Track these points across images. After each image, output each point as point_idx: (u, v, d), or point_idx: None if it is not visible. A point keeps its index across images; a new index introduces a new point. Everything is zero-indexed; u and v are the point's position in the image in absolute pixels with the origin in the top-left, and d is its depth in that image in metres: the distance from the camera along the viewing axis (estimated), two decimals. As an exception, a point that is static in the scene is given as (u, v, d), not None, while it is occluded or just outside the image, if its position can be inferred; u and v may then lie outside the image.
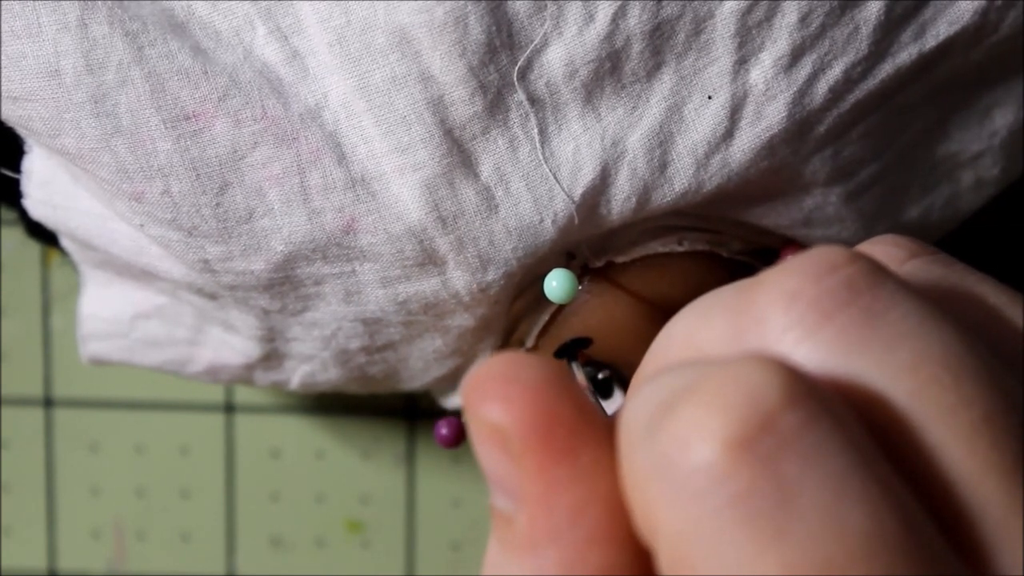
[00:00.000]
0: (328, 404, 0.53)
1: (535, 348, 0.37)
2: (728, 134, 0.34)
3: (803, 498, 0.16)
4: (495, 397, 0.17)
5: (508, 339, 0.38)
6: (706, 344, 0.19)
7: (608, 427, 0.18)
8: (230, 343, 0.39)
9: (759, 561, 0.15)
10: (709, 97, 0.34)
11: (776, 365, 0.16)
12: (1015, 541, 0.16)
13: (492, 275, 0.34)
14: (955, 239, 0.41)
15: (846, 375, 0.17)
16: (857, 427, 0.16)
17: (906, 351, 0.17)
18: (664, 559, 0.17)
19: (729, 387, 0.16)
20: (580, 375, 0.34)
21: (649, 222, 0.36)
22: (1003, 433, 0.17)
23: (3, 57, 0.33)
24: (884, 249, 0.21)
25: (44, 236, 0.39)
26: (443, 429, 0.39)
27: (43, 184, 0.36)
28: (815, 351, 0.17)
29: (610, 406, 0.37)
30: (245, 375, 0.40)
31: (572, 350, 0.36)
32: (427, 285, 0.35)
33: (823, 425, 0.16)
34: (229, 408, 0.53)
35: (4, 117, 0.34)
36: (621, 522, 0.17)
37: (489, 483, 0.18)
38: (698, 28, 0.33)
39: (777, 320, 0.18)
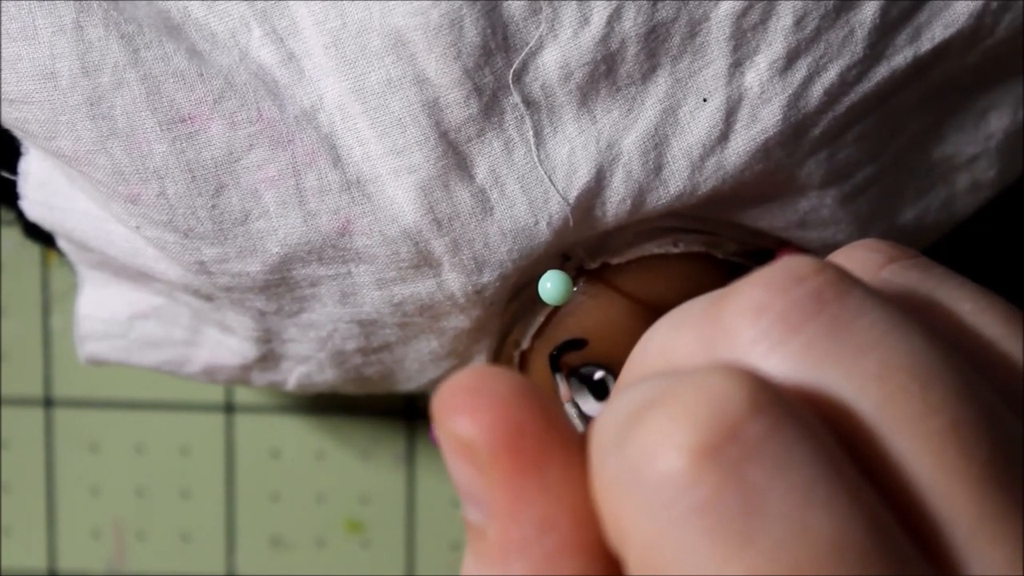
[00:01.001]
0: (328, 404, 0.53)
1: (530, 350, 0.38)
2: (723, 137, 0.34)
3: (769, 505, 0.16)
4: (463, 410, 0.18)
5: (503, 341, 0.38)
6: (679, 356, 0.19)
7: (578, 439, 0.18)
8: (227, 344, 0.39)
9: (726, 569, 0.15)
10: (704, 100, 0.34)
11: (741, 374, 0.17)
12: (985, 549, 0.16)
13: (487, 277, 0.34)
14: (951, 242, 0.41)
15: (815, 386, 0.17)
16: (825, 435, 0.16)
17: (873, 360, 0.17)
18: (633, 568, 0.17)
19: (694, 396, 0.16)
20: (563, 387, 0.34)
21: (644, 224, 0.36)
22: (971, 441, 0.17)
23: (-1, 60, 0.33)
24: (862, 254, 0.21)
25: (41, 237, 0.39)
26: (439, 430, 0.39)
27: (40, 185, 0.36)
28: (784, 363, 0.17)
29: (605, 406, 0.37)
30: (242, 376, 0.40)
31: (567, 351, 0.36)
32: (422, 287, 0.35)
33: (789, 433, 0.16)
34: (229, 408, 0.53)
35: (1, 119, 0.34)
36: (591, 532, 0.17)
37: (460, 495, 0.19)
38: (693, 31, 0.33)
39: (746, 332, 0.18)
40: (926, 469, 0.17)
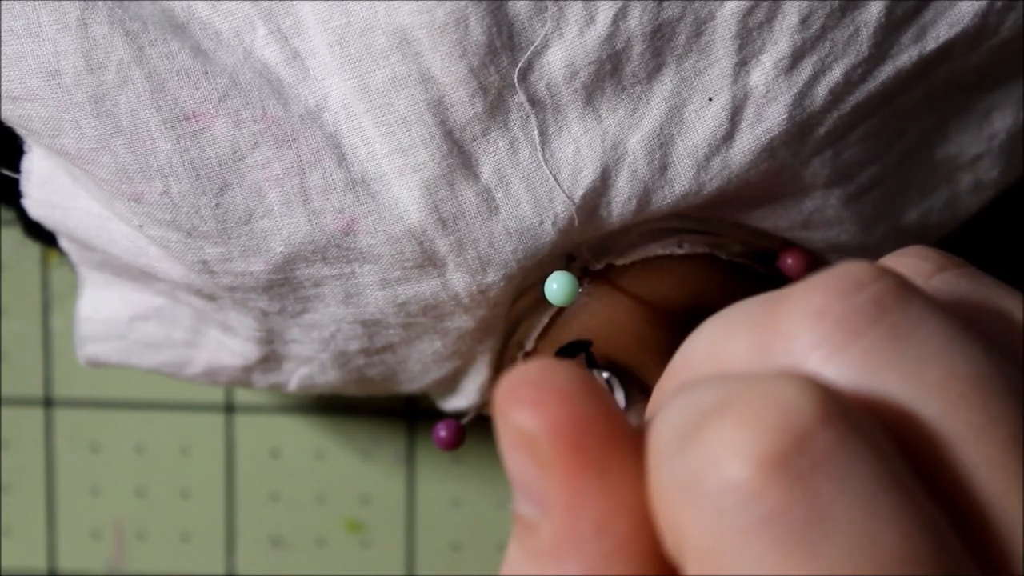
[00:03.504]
0: (328, 404, 0.53)
1: (534, 351, 0.37)
2: (728, 136, 0.34)
3: (835, 518, 0.15)
4: (527, 403, 0.17)
5: (507, 341, 0.38)
6: (730, 359, 0.18)
7: (636, 437, 0.18)
8: (228, 345, 0.39)
9: None
10: (710, 99, 0.34)
11: (809, 383, 0.16)
12: None
13: (492, 277, 0.34)
14: (955, 242, 0.41)
15: (875, 393, 0.17)
16: (889, 446, 0.16)
17: (934, 370, 0.17)
18: (691, 574, 0.16)
19: (762, 404, 0.16)
20: (601, 380, 0.33)
21: (649, 224, 0.36)
22: None
23: (3, 57, 0.33)
24: (911, 262, 0.21)
25: (42, 236, 0.39)
26: (442, 432, 0.38)
27: (42, 184, 0.36)
28: (843, 369, 0.17)
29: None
30: (243, 377, 0.40)
31: (572, 352, 0.36)
32: (427, 287, 0.35)
33: (856, 444, 0.16)
34: (229, 408, 0.53)
35: (4, 117, 0.34)
36: (647, 535, 0.17)
37: (514, 488, 0.18)
38: (699, 30, 0.33)
39: (804, 337, 0.17)
40: (986, 480, 0.17)
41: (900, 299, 0.17)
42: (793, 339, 0.17)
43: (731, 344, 0.18)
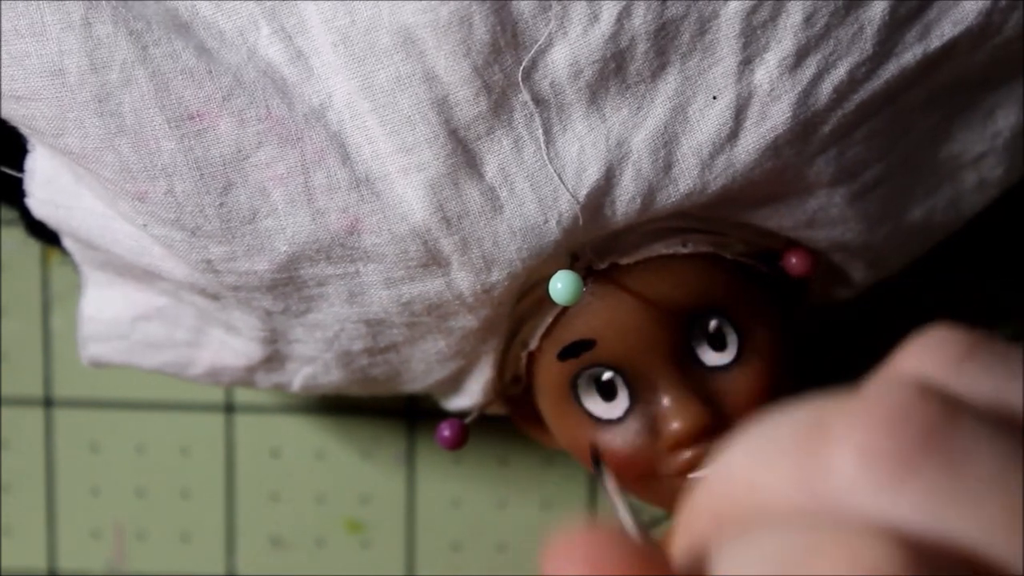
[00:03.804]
0: (328, 404, 0.53)
1: (538, 350, 0.37)
2: (733, 135, 0.34)
3: None
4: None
5: (511, 341, 0.38)
6: (773, 494, 0.18)
7: None
8: (231, 345, 0.39)
9: None
10: (714, 97, 0.34)
11: (893, 538, 0.16)
12: None
13: (496, 276, 0.34)
14: (956, 242, 0.41)
15: (936, 530, 0.16)
16: None
17: (995, 500, 0.16)
18: None
19: (850, 564, 0.16)
20: (610, 482, 0.33)
21: (653, 224, 0.36)
22: None
23: (7, 56, 0.33)
24: (937, 349, 0.20)
25: (45, 235, 0.39)
26: (445, 431, 0.38)
27: (46, 183, 0.36)
28: (899, 507, 0.16)
29: (613, 407, 0.37)
30: (246, 377, 0.40)
31: (575, 352, 0.36)
32: (431, 286, 0.35)
33: None
34: (229, 408, 0.53)
35: (7, 116, 0.34)
36: None
37: None
38: (703, 28, 0.33)
39: (850, 474, 0.17)
40: None
41: (949, 424, 0.17)
42: (839, 475, 0.17)
43: (772, 476, 0.18)
